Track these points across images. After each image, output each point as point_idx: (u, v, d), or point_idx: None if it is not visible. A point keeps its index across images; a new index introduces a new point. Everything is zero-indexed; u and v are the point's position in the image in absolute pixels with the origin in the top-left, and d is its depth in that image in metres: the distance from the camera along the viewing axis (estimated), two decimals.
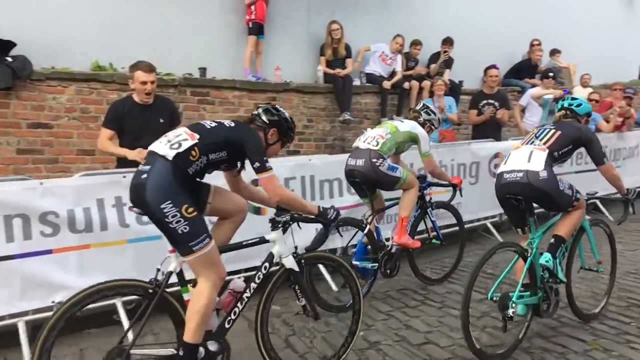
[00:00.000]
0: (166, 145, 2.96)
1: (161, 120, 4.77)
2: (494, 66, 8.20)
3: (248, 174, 3.43)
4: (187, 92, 6.82)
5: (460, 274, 5.49)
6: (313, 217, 3.37)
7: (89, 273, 4.13)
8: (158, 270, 2.98)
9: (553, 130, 3.97)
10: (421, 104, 5.55)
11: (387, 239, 5.04)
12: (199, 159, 2.99)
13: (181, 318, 2.97)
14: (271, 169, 3.10)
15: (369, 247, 4.93)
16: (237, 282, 3.34)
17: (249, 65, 7.48)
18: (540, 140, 3.92)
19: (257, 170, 3.08)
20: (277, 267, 3.35)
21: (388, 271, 4.96)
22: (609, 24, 14.24)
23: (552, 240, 3.97)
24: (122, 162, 4.73)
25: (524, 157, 3.83)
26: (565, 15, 12.47)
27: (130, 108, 4.72)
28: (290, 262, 3.32)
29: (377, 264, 4.86)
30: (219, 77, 7.13)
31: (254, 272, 3.36)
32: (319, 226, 3.46)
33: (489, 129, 7.72)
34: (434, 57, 9.24)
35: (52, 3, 6.38)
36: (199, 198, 3.12)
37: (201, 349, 2.97)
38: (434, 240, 5.44)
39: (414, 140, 5.01)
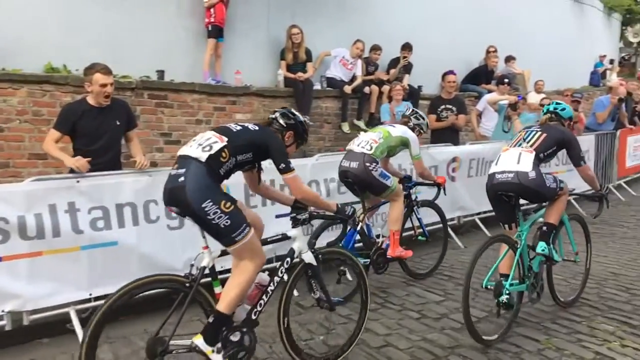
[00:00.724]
0: (198, 149, 3.16)
1: (117, 123, 4.68)
2: (451, 72, 8.36)
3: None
4: (145, 95, 6.69)
5: (416, 278, 5.55)
6: (331, 214, 3.69)
7: (41, 281, 4.04)
8: (192, 265, 3.21)
9: (539, 133, 4.31)
10: (410, 110, 5.81)
11: (377, 236, 5.29)
12: (228, 160, 3.21)
13: (212, 309, 3.19)
14: (294, 169, 3.37)
15: (360, 244, 5.13)
16: (262, 276, 3.51)
17: (209, 68, 7.39)
18: (528, 142, 4.26)
19: (282, 171, 3.35)
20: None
21: (379, 267, 5.16)
22: (561, 32, 14.76)
23: (544, 227, 4.29)
24: None
25: (514, 159, 4.17)
26: (519, 22, 12.85)
27: (85, 111, 4.60)
28: (309, 257, 3.58)
29: (368, 260, 5.00)
30: (178, 80, 7.02)
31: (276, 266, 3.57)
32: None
33: (447, 134, 7.85)
34: (394, 62, 9.36)
35: (3, 3, 6.17)
36: None
37: (235, 336, 3.20)
38: (420, 237, 5.72)
39: (405, 144, 5.24)
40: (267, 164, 3.49)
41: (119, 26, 6.82)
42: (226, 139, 3.22)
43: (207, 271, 3.23)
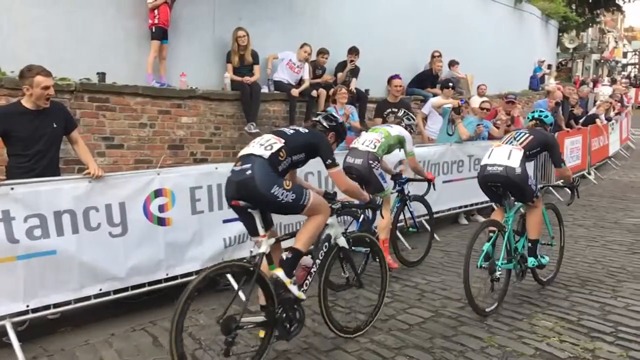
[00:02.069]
0: (260, 148, 3.68)
1: (54, 126, 4.51)
2: (397, 76, 8.49)
3: None
4: (85, 98, 6.44)
5: (368, 278, 5.59)
6: (363, 203, 4.30)
7: None
8: (251, 252, 3.88)
9: (527, 135, 4.98)
10: (402, 112, 6.45)
11: (376, 227, 5.71)
12: (285, 159, 3.72)
13: (269, 290, 3.60)
14: (339, 164, 3.98)
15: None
16: (306, 259, 3.92)
17: (152, 70, 7.22)
18: (517, 141, 4.91)
19: (329, 166, 3.89)
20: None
21: (374, 258, 5.36)
22: (502, 38, 15.28)
23: (529, 244, 4.97)
24: (12, 173, 4.40)
25: (505, 154, 4.80)
26: (462, 28, 13.22)
27: (20, 114, 4.40)
28: (342, 242, 4.08)
29: (369, 249, 5.13)
30: (120, 83, 6.81)
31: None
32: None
33: None
34: (341, 66, 9.43)
35: None
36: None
37: (290, 313, 3.70)
38: (411, 229, 6.35)
39: (401, 142, 5.77)
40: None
41: (56, 27, 6.57)
42: (283, 141, 3.73)
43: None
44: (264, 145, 3.70)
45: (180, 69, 7.54)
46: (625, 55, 56.06)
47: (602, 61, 49.58)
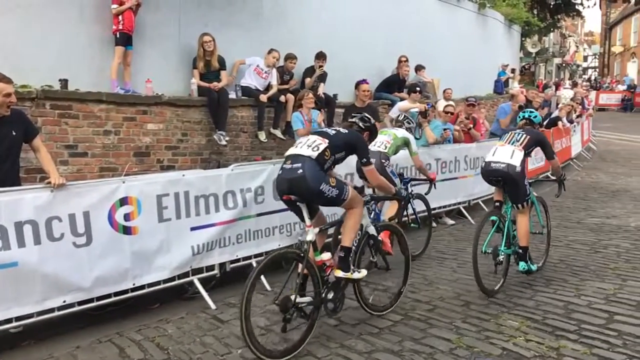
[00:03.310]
0: (308, 149, 4.15)
1: (13, 133, 4.41)
2: (364, 81, 8.56)
3: None
4: (47, 106, 6.30)
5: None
6: (390, 195, 5.02)
7: None
8: (300, 240, 4.42)
9: (524, 135, 5.57)
10: (402, 116, 7.00)
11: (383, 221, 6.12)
12: (329, 158, 4.20)
13: (315, 273, 4.13)
14: (372, 162, 4.59)
15: None
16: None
17: (117, 77, 7.09)
18: (518, 141, 5.50)
19: (364, 164, 4.45)
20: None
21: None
22: (467, 43, 15.53)
23: (520, 250, 5.41)
24: None
25: (508, 153, 5.41)
26: (428, 33, 13.40)
27: None
28: (372, 230, 4.66)
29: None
30: (83, 90, 6.68)
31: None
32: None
33: None
34: (309, 71, 9.44)
35: None
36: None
37: (332, 293, 4.23)
38: (412, 224, 6.84)
39: (406, 143, 6.48)
40: None
41: (15, 32, 6.39)
42: (327, 141, 4.19)
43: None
44: (310, 146, 4.16)
45: (146, 75, 7.43)
46: (585, 59, 57.76)
47: (564, 65, 50.94)
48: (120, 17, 7.03)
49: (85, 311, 4.55)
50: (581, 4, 28.76)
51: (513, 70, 20.11)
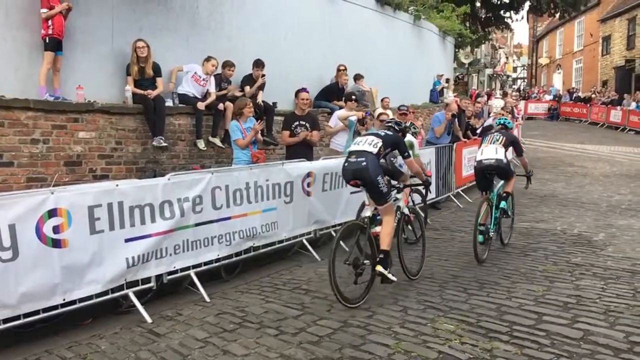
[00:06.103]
0: (369, 146, 5.30)
1: None
2: (304, 89, 8.59)
3: None
4: None
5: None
6: (420, 182, 6.32)
7: None
8: (359, 214, 6.21)
9: (501, 136, 7.10)
10: (409, 122, 7.99)
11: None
12: (383, 154, 5.39)
13: (372, 241, 5.31)
14: (411, 156, 5.85)
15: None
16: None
17: (45, 83, 6.79)
18: (498, 141, 7.01)
19: (406, 157, 5.70)
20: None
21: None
22: (403, 53, 15.93)
23: (504, 194, 7.10)
24: None
25: (493, 151, 6.94)
26: (366, 43, 13.65)
27: None
28: (406, 212, 6.20)
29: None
30: (9, 96, 6.36)
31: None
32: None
33: (301, 149, 8.04)
34: (247, 79, 9.39)
35: None
36: None
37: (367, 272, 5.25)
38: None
39: (411, 146, 7.14)
40: None
41: None
42: (381, 140, 5.35)
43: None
44: (371, 144, 5.30)
45: (77, 81, 7.15)
46: (515, 69, 60.37)
47: (495, 75, 53.12)
48: (49, 22, 6.73)
49: (11, 329, 4.32)
50: (510, 17, 30.02)
51: (448, 80, 20.75)
